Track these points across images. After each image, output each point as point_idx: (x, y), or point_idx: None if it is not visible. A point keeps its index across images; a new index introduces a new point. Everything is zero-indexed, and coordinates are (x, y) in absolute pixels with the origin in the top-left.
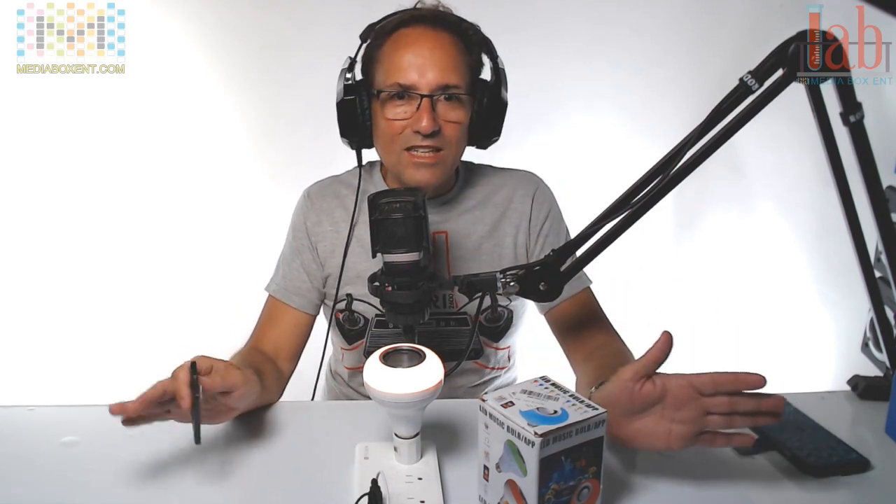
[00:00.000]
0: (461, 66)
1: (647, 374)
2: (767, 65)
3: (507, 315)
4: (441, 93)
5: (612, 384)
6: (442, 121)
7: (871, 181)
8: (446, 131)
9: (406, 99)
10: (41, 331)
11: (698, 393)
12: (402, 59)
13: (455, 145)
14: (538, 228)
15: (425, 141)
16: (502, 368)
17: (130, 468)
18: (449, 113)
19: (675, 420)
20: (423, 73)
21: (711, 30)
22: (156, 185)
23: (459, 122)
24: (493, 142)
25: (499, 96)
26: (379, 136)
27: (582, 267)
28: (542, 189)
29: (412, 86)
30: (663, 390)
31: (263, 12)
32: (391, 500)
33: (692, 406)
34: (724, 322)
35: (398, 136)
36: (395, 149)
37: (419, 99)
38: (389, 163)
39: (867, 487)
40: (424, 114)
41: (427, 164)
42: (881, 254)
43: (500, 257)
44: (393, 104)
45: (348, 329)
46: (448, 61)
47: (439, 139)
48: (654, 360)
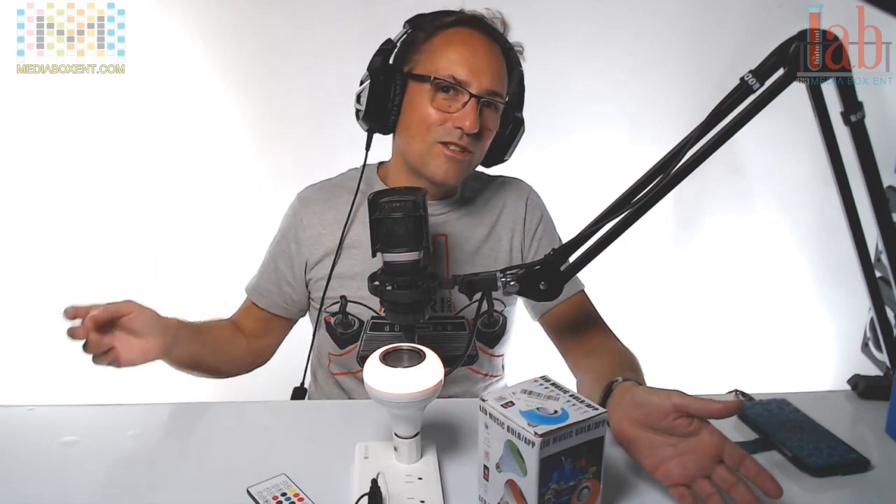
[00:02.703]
0: (505, 79)
1: (694, 416)
2: (768, 64)
3: (502, 321)
4: (489, 98)
5: (656, 394)
6: (482, 125)
7: (871, 181)
8: (482, 136)
9: (453, 94)
10: (41, 331)
11: (719, 457)
12: (458, 55)
13: (482, 152)
14: (532, 232)
15: (462, 139)
16: (495, 377)
17: (130, 468)
18: (489, 120)
19: (679, 459)
20: (478, 74)
21: (711, 30)
22: (156, 185)
23: (493, 131)
24: (502, 160)
25: (521, 119)
26: (412, 122)
27: (582, 266)
28: (533, 194)
29: (465, 82)
30: (695, 432)
31: (263, 12)
32: (391, 499)
33: (705, 463)
34: (725, 322)
35: (436, 127)
36: (428, 138)
37: (468, 97)
38: (416, 151)
39: (867, 487)
40: (472, 113)
41: (456, 160)
42: (881, 253)
43: (496, 260)
44: (440, 95)
45: (340, 333)
46: (500, 70)
47: (474, 141)
48: (708, 412)
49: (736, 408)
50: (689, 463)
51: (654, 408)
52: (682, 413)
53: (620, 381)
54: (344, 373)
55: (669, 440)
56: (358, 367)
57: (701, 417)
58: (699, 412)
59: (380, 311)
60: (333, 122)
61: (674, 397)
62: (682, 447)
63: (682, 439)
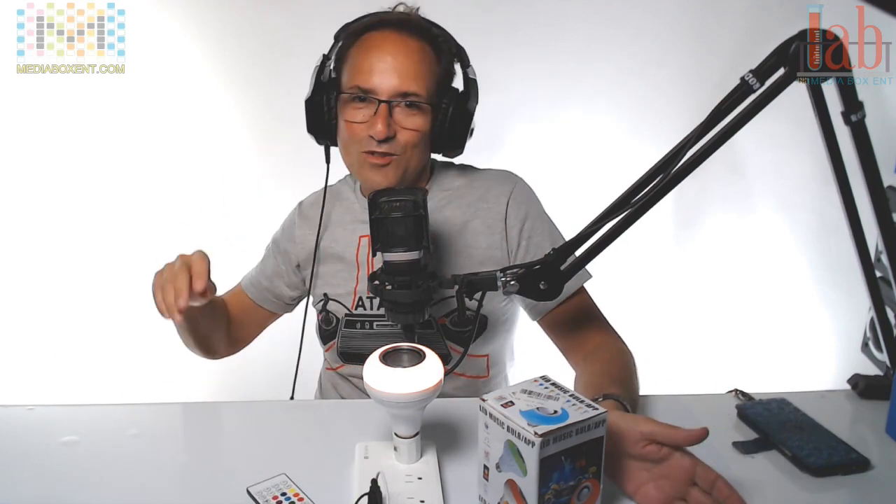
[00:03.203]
0: (425, 74)
1: (662, 443)
2: (769, 64)
3: (479, 320)
4: (400, 99)
5: (624, 421)
6: (398, 127)
7: (871, 181)
8: (402, 137)
9: (366, 102)
10: (41, 331)
11: (692, 479)
12: (365, 63)
13: (412, 151)
14: (517, 229)
15: (380, 147)
16: (481, 377)
17: (130, 468)
18: (406, 120)
19: (655, 483)
20: (384, 79)
21: (711, 30)
22: (156, 185)
23: (417, 130)
24: (456, 154)
25: (465, 107)
26: (340, 137)
27: (582, 266)
28: (518, 189)
29: (371, 90)
30: (665, 457)
31: (263, 12)
32: (391, 499)
33: (679, 486)
34: (725, 322)
35: (356, 138)
36: (353, 151)
37: (377, 104)
38: (349, 164)
39: (867, 487)
40: (379, 120)
41: (381, 166)
42: (881, 253)
43: (469, 258)
44: (353, 107)
45: (324, 329)
46: (410, 68)
47: (393, 145)
48: (674, 440)
49: (701, 436)
50: (665, 486)
51: (623, 436)
52: (650, 440)
53: (600, 400)
54: (332, 368)
55: (644, 465)
56: (340, 362)
57: (667, 445)
58: (666, 440)
59: (352, 309)
60: None
61: (641, 425)
62: (655, 472)
63: (655, 464)
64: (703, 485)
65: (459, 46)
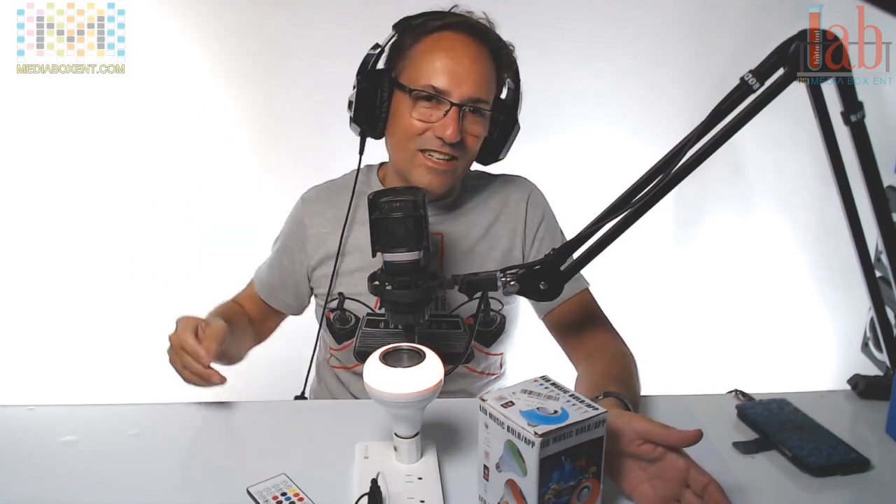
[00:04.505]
0: (492, 83)
1: (656, 443)
2: (769, 64)
3: (499, 320)
4: (471, 105)
5: (619, 419)
6: (465, 132)
7: (871, 181)
8: (466, 143)
9: (434, 102)
10: (41, 331)
11: (685, 482)
12: (440, 63)
13: (469, 157)
14: (533, 232)
15: (444, 148)
16: (493, 375)
17: (130, 468)
18: (473, 126)
19: (650, 482)
20: (459, 83)
21: (711, 30)
22: (155, 185)
23: (480, 136)
24: (497, 160)
25: (515, 118)
26: (396, 131)
27: (582, 266)
28: (535, 194)
29: (445, 92)
30: (660, 457)
31: (263, 12)
32: (391, 499)
33: (673, 487)
34: (725, 322)
35: (417, 136)
36: (410, 147)
37: (449, 106)
38: (400, 160)
39: (867, 487)
40: (452, 122)
41: (439, 171)
42: (881, 253)
43: (492, 260)
44: (421, 105)
45: (339, 328)
46: (483, 75)
47: (458, 149)
48: (667, 441)
49: (694, 438)
50: (660, 486)
51: (619, 434)
52: (645, 439)
53: (601, 398)
54: (342, 367)
55: (640, 464)
56: (355, 361)
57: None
58: (659, 440)
59: (375, 308)
60: (333, 122)
61: (636, 423)
62: (650, 471)
63: (650, 464)
64: (695, 488)
65: (516, 62)
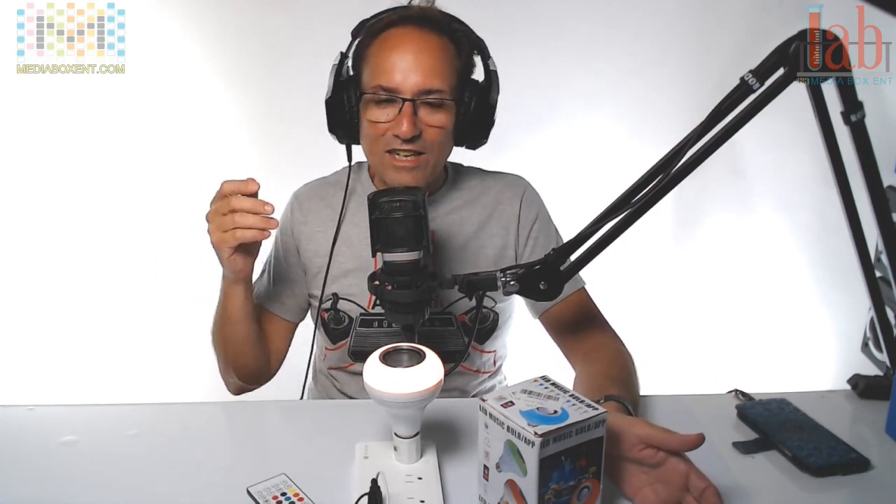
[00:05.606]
0: (447, 70)
1: (658, 448)
2: (769, 64)
3: (492, 317)
4: (424, 97)
5: (622, 423)
6: (423, 125)
7: (871, 181)
8: (427, 135)
9: (388, 103)
10: (41, 331)
11: (686, 486)
12: (387, 62)
13: (437, 149)
14: (527, 230)
15: (405, 145)
16: (487, 373)
17: (130, 468)
18: (431, 117)
19: (652, 487)
20: (406, 77)
21: (711, 30)
22: (156, 185)
23: (442, 127)
24: (481, 144)
25: (487, 99)
26: (364, 136)
27: (582, 266)
28: (529, 192)
29: (394, 89)
30: (662, 461)
31: (263, 12)
32: (391, 499)
33: (675, 491)
34: (724, 322)
35: (380, 138)
36: (377, 150)
37: (401, 103)
38: (373, 164)
39: (867, 487)
40: (404, 119)
41: (407, 168)
42: (881, 253)
43: (484, 257)
44: (376, 107)
45: (333, 328)
46: (433, 64)
47: (420, 143)
48: (668, 446)
49: (696, 442)
50: (662, 491)
51: (621, 438)
52: (646, 444)
53: (602, 402)
54: (337, 367)
55: (641, 468)
56: (349, 361)
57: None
58: (661, 444)
59: (368, 308)
60: None
61: (637, 428)
62: (652, 476)
63: (652, 468)
64: (694, 492)
65: (479, 39)
